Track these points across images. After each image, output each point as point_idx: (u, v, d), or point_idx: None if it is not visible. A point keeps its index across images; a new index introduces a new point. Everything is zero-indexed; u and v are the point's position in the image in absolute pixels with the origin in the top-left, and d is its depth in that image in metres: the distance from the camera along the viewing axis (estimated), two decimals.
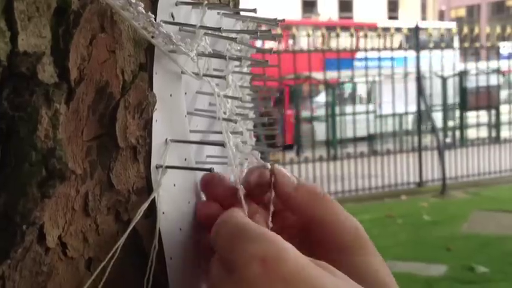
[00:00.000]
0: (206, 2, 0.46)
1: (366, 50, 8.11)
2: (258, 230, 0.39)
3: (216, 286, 0.40)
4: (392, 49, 8.30)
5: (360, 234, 0.46)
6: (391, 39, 8.14)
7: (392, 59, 8.21)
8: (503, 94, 9.99)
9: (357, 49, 8.58)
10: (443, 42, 8.70)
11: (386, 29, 9.09)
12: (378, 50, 8.19)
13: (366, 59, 8.11)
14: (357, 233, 0.46)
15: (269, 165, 0.48)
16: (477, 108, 9.36)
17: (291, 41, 9.72)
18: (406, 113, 9.22)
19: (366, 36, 8.28)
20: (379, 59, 8.11)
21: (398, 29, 10.13)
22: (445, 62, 8.65)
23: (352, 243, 0.46)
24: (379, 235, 5.51)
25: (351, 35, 7.98)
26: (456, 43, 9.95)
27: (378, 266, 0.45)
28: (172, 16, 0.45)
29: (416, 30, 8.12)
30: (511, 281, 4.44)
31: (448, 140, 9.49)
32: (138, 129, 0.43)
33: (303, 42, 9.68)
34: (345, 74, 8.55)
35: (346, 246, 0.45)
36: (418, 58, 8.07)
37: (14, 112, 0.34)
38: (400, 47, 8.58)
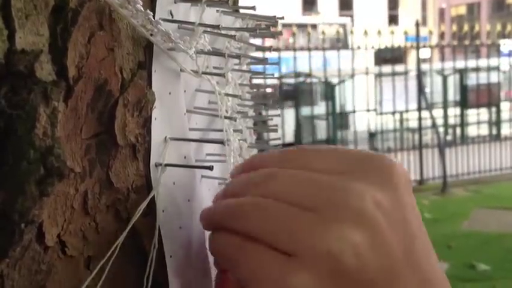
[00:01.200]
0: None
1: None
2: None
3: None
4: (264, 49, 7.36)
5: None
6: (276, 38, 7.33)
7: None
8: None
9: None
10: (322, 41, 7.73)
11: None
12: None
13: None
14: None
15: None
16: (478, 105, 9.36)
17: None
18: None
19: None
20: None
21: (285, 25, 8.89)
22: (334, 63, 7.83)
23: None
24: None
25: None
26: (351, 42, 8.16)
27: None
28: (171, 14, 0.45)
29: (417, 26, 8.07)
30: None
31: (449, 137, 9.49)
32: (137, 127, 0.43)
33: None
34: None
35: None
36: (418, 56, 8.06)
37: (11, 110, 0.34)
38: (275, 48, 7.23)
